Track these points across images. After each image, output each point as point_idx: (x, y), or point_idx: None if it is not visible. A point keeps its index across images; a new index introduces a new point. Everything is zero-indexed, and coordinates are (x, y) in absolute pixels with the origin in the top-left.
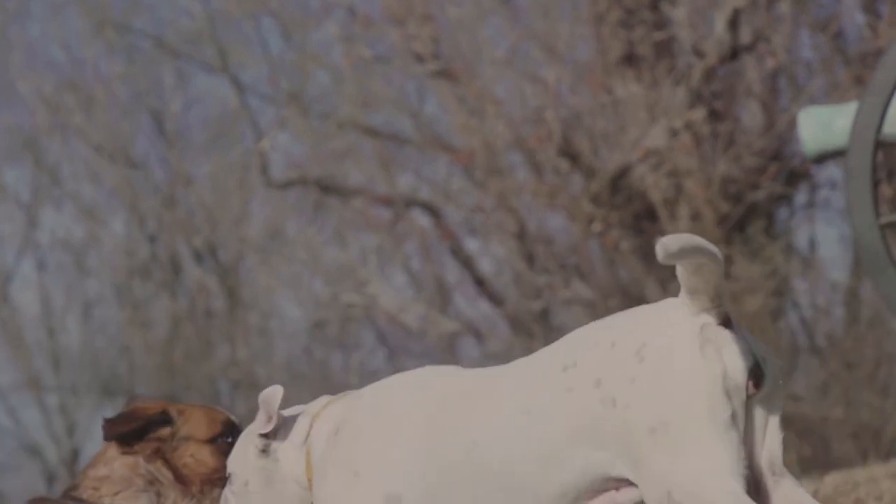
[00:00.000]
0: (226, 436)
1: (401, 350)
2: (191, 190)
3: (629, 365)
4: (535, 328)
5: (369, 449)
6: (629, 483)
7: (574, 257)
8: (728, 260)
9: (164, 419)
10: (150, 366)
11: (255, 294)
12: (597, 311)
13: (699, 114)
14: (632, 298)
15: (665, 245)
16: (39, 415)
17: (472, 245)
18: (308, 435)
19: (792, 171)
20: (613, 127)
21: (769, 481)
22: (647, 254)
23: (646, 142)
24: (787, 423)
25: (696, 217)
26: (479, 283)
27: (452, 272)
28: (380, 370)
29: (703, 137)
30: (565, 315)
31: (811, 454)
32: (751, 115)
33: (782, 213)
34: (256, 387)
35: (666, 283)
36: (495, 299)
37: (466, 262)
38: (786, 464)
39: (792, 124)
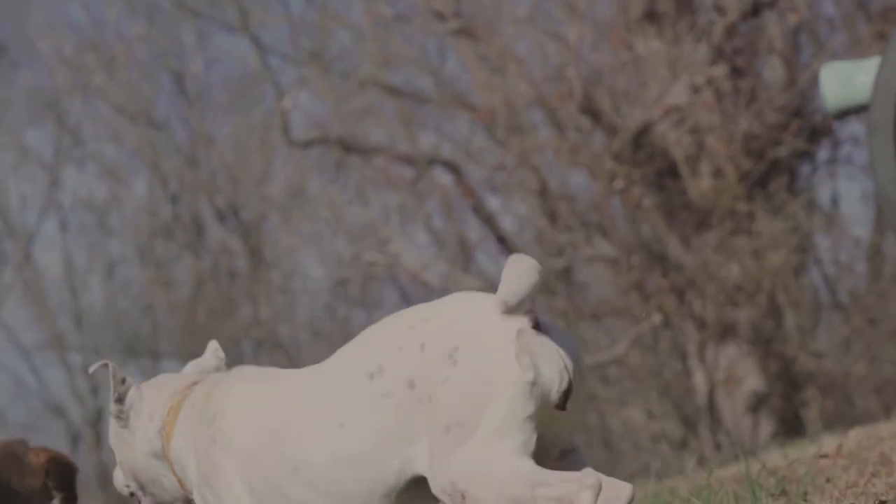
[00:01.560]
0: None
1: None
2: (212, 150)
3: (442, 366)
4: (558, 285)
5: (217, 483)
6: None
7: (596, 214)
8: (750, 216)
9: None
10: (173, 325)
11: (277, 253)
12: (619, 267)
13: (721, 70)
14: (654, 255)
15: (508, 300)
16: (63, 375)
17: (493, 203)
18: (164, 419)
19: (814, 127)
20: (635, 84)
21: (553, 460)
22: (670, 210)
23: (667, 98)
24: (810, 380)
25: (717, 174)
26: (501, 240)
27: (474, 230)
28: None
29: (725, 94)
30: (588, 272)
31: (834, 410)
32: (772, 71)
33: (804, 169)
34: (279, 346)
35: (688, 240)
36: None
37: (488, 220)
38: (809, 420)
39: (814, 80)
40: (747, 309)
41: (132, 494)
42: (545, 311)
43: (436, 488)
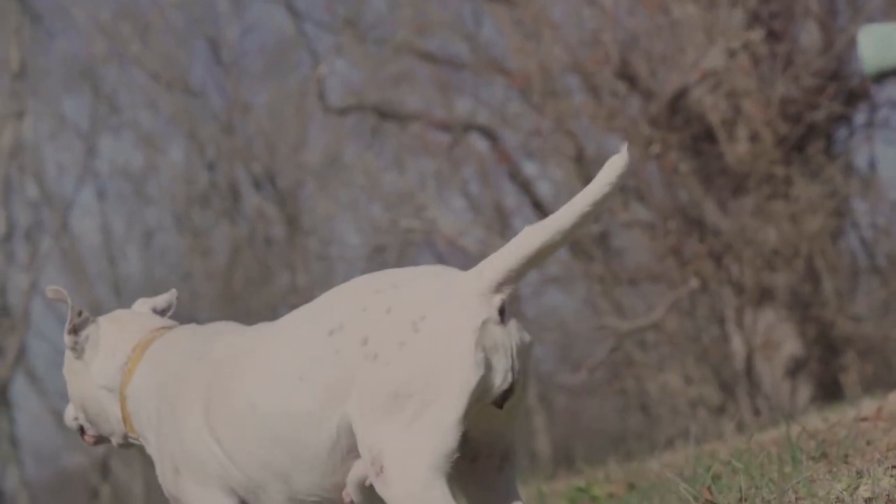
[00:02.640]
0: None
1: None
2: (249, 117)
3: (403, 331)
4: (595, 251)
5: (177, 443)
6: None
7: (633, 180)
8: (787, 181)
9: None
10: (210, 293)
11: (314, 220)
12: (656, 232)
13: (757, 34)
14: (691, 220)
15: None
16: None
17: (529, 168)
18: (129, 356)
19: (851, 91)
20: (671, 48)
21: (493, 469)
22: (706, 175)
23: (704, 63)
24: (848, 344)
25: (754, 138)
26: (538, 206)
27: (510, 196)
28: None
29: (762, 58)
30: (624, 237)
31: (873, 373)
32: (809, 34)
33: (841, 132)
34: None
35: (725, 205)
36: None
37: (524, 186)
38: (848, 384)
39: (851, 43)
40: (785, 273)
41: (80, 428)
42: (582, 277)
43: (361, 444)
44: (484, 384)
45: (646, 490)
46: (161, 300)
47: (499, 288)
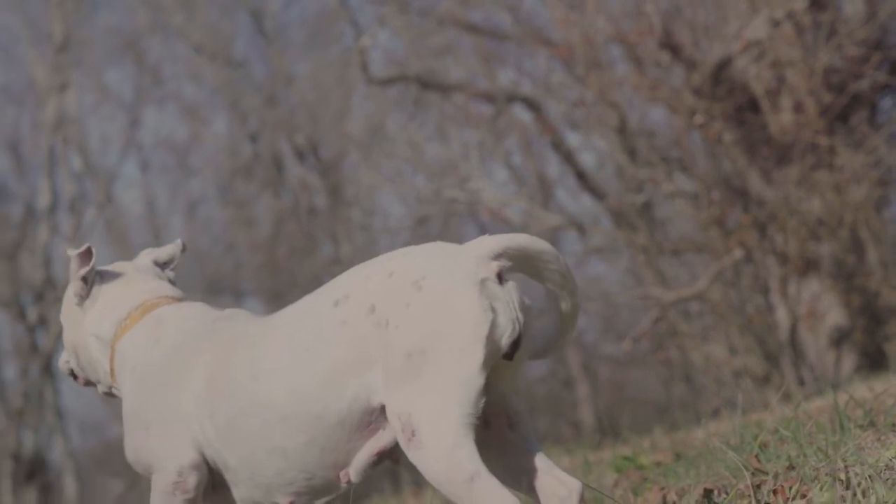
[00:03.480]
0: None
1: None
2: (292, 88)
3: (406, 292)
4: (638, 221)
5: (161, 402)
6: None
7: (676, 150)
8: (831, 150)
9: None
10: (254, 264)
11: (357, 191)
12: (700, 203)
13: (801, 4)
14: (734, 190)
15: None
16: None
17: (573, 139)
18: (131, 312)
19: (895, 60)
20: (714, 18)
21: (504, 427)
22: (750, 145)
23: (747, 33)
24: (893, 313)
25: (798, 108)
26: (581, 177)
27: (554, 167)
28: None
29: (805, 27)
30: (668, 208)
31: None
32: (852, 4)
33: (886, 102)
34: None
35: (769, 175)
36: (597, 193)
37: (568, 157)
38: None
39: (895, 12)
40: (829, 243)
41: (71, 372)
42: (626, 247)
43: (391, 414)
44: (494, 332)
45: (693, 459)
46: (164, 252)
47: (496, 257)
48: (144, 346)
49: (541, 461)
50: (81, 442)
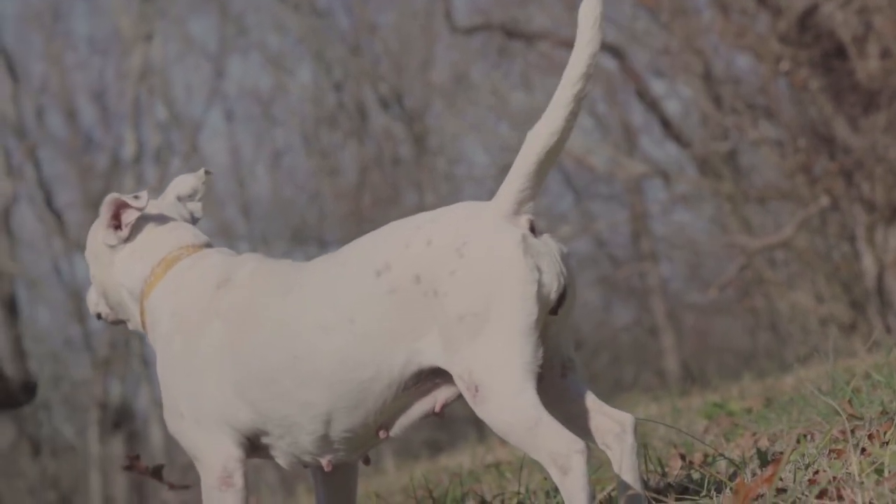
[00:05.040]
0: None
1: (588, 193)
2: (376, 37)
3: (449, 259)
4: (723, 169)
5: (189, 392)
6: (446, 380)
7: (762, 97)
8: None
9: None
10: (338, 213)
11: (441, 140)
12: (786, 150)
13: None
14: (821, 137)
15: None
16: None
17: (658, 87)
18: (154, 268)
19: None
20: None
21: (557, 377)
22: (837, 92)
23: None
24: None
25: (885, 54)
26: (666, 124)
27: (638, 114)
28: (567, 213)
29: None
30: (753, 155)
31: None
32: None
33: None
34: None
35: (856, 122)
36: (682, 141)
37: (652, 105)
38: None
39: None
40: None
41: (99, 315)
42: (711, 196)
43: (455, 377)
44: (541, 290)
45: (784, 405)
46: (186, 185)
47: (518, 210)
48: (166, 315)
49: (592, 403)
50: None
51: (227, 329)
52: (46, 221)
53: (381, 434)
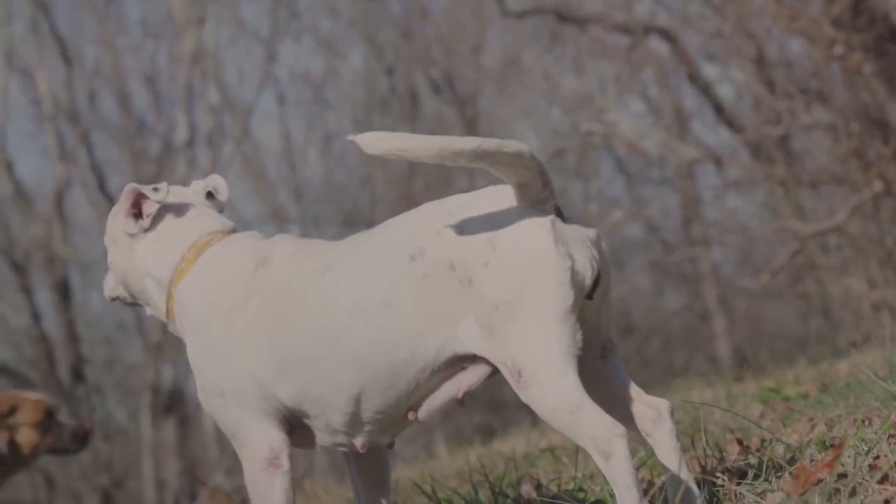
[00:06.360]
0: (48, 418)
1: (639, 178)
2: (428, 21)
3: (482, 250)
4: (776, 154)
5: (228, 370)
6: (475, 360)
7: (815, 81)
8: None
9: (11, 410)
10: (390, 197)
11: (493, 124)
12: (839, 135)
13: None
14: (874, 121)
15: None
16: None
17: (710, 71)
18: (184, 255)
19: None
20: None
21: (597, 359)
22: (890, 76)
23: None
24: None
25: None
26: (718, 109)
27: (690, 98)
28: (619, 198)
29: None
30: (806, 140)
31: None
32: None
33: None
34: None
35: None
36: (735, 125)
37: (705, 89)
38: None
39: None
40: None
41: (115, 299)
42: (764, 180)
43: (496, 361)
44: (575, 277)
45: (840, 390)
46: (219, 183)
47: (547, 191)
48: (198, 300)
49: (630, 389)
50: None
51: (266, 308)
52: (99, 206)
53: (410, 415)
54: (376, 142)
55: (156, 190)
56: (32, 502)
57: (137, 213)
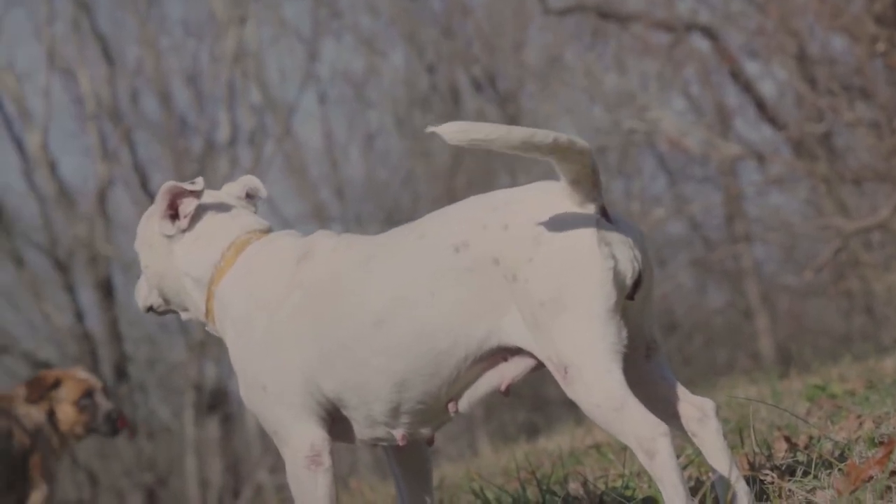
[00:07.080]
0: (87, 397)
1: (682, 175)
2: (469, 19)
3: (526, 247)
4: (819, 151)
5: (271, 365)
6: (518, 353)
7: (857, 78)
8: None
9: (55, 384)
10: (432, 195)
11: (535, 121)
12: (881, 131)
13: None
14: None
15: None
16: None
17: (752, 68)
18: (224, 253)
19: None
20: None
21: (642, 359)
22: None
23: None
24: None
25: None
26: (761, 106)
27: (733, 96)
28: (661, 195)
29: None
30: (849, 137)
31: None
32: None
33: None
34: None
35: None
36: (777, 122)
37: (747, 86)
38: None
39: None
40: None
41: (149, 308)
42: (806, 177)
43: (541, 356)
44: (617, 277)
45: (888, 387)
46: (255, 184)
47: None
48: (241, 298)
49: (676, 389)
50: None
51: (309, 300)
52: (142, 205)
53: (451, 407)
54: (460, 132)
55: (192, 183)
56: (76, 500)
57: (174, 215)
